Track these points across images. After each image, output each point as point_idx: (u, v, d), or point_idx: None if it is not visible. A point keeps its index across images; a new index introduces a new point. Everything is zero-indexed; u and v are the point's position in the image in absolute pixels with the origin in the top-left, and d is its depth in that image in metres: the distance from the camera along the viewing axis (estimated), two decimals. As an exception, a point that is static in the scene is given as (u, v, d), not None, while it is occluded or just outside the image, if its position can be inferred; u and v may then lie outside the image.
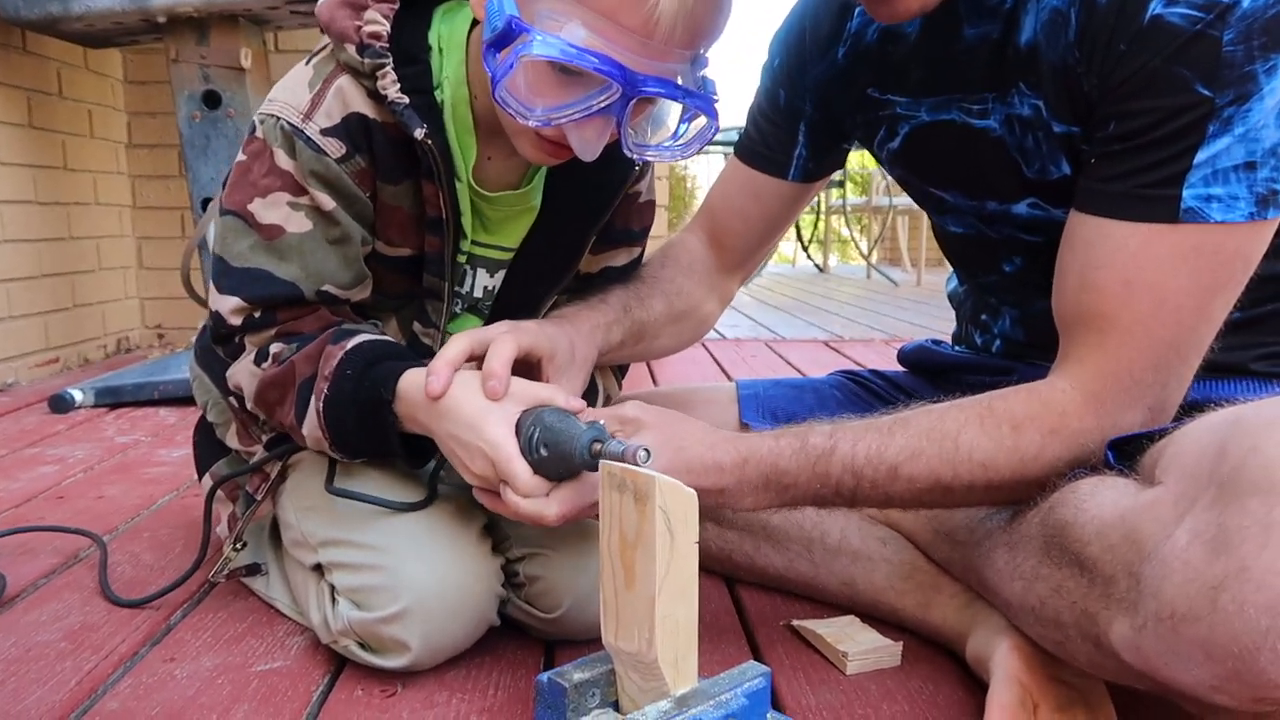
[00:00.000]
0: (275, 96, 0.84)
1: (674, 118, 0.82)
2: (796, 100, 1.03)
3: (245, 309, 0.84)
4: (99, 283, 2.67)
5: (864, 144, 1.02)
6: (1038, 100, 0.81)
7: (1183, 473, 0.62)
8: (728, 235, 1.10)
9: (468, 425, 0.75)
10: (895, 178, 1.01)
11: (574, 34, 0.71)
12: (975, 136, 0.87)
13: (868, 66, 0.95)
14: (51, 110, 2.46)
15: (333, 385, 0.80)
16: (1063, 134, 0.80)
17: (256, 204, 0.83)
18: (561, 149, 0.79)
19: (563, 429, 0.73)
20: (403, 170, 0.84)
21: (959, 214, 0.94)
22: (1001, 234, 0.91)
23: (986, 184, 0.88)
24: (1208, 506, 0.57)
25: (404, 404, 0.79)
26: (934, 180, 0.94)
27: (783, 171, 1.06)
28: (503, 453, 0.74)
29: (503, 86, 0.74)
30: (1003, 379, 0.96)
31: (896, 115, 0.93)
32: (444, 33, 0.85)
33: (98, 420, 1.93)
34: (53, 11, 2.03)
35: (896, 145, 0.95)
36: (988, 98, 0.85)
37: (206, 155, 2.11)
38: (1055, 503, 0.73)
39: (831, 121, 1.02)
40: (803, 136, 1.04)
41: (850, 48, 0.97)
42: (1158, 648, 0.59)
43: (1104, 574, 0.65)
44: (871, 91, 0.95)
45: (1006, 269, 0.93)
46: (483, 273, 0.93)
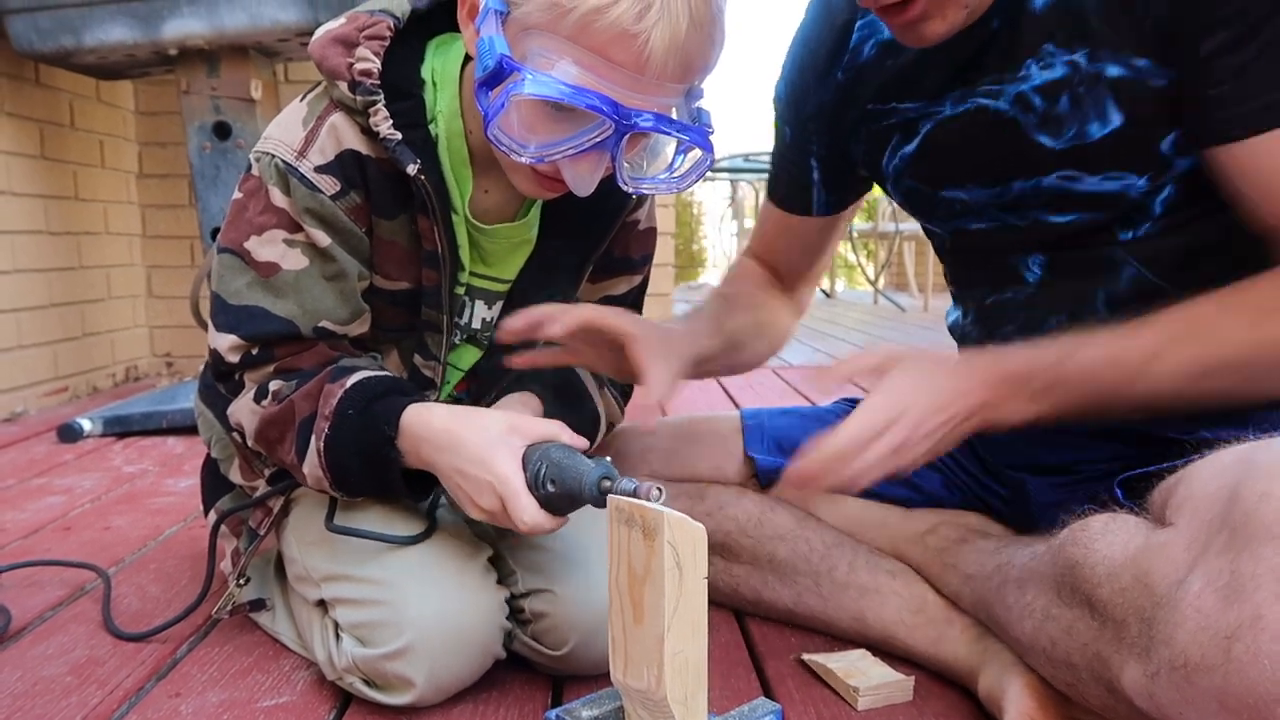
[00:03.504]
0: (270, 134, 0.84)
1: (669, 149, 0.82)
2: (801, 136, 1.04)
3: (242, 346, 0.84)
4: (108, 311, 2.68)
5: (869, 163, 1.01)
6: (1072, 55, 0.80)
7: (1194, 515, 0.62)
8: (776, 265, 1.15)
9: (475, 460, 0.75)
10: (901, 194, 0.99)
11: (565, 72, 0.72)
12: (986, 120, 0.87)
13: (867, 82, 0.96)
14: (63, 141, 2.48)
15: (334, 425, 0.80)
16: (1117, 78, 0.79)
17: (252, 241, 0.83)
18: (557, 183, 0.80)
19: (570, 465, 0.73)
20: (398, 205, 0.84)
21: (977, 211, 0.93)
22: (1026, 220, 0.89)
23: (1008, 165, 0.87)
24: (1220, 552, 0.57)
25: (407, 439, 0.79)
26: (952, 177, 0.93)
27: (806, 209, 1.09)
28: (511, 487, 0.74)
29: (496, 125, 0.75)
30: None
31: (910, 119, 0.93)
32: (437, 67, 0.86)
33: (106, 450, 1.93)
34: (66, 45, 2.05)
35: (912, 149, 0.94)
36: (999, 79, 0.85)
37: (216, 185, 2.12)
38: (1065, 540, 0.72)
39: (838, 150, 1.03)
40: (816, 173, 1.06)
41: (848, 65, 0.97)
42: (1171, 696, 0.58)
43: (1115, 617, 0.64)
44: (872, 106, 0.96)
45: (1028, 278, 0.91)
46: (481, 304, 0.93)
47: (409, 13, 0.84)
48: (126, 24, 2.02)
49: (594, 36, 0.71)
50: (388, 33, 0.82)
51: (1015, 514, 0.98)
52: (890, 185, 0.99)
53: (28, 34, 2.04)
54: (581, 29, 0.71)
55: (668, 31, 0.71)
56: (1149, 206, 0.83)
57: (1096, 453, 0.90)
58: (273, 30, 2.00)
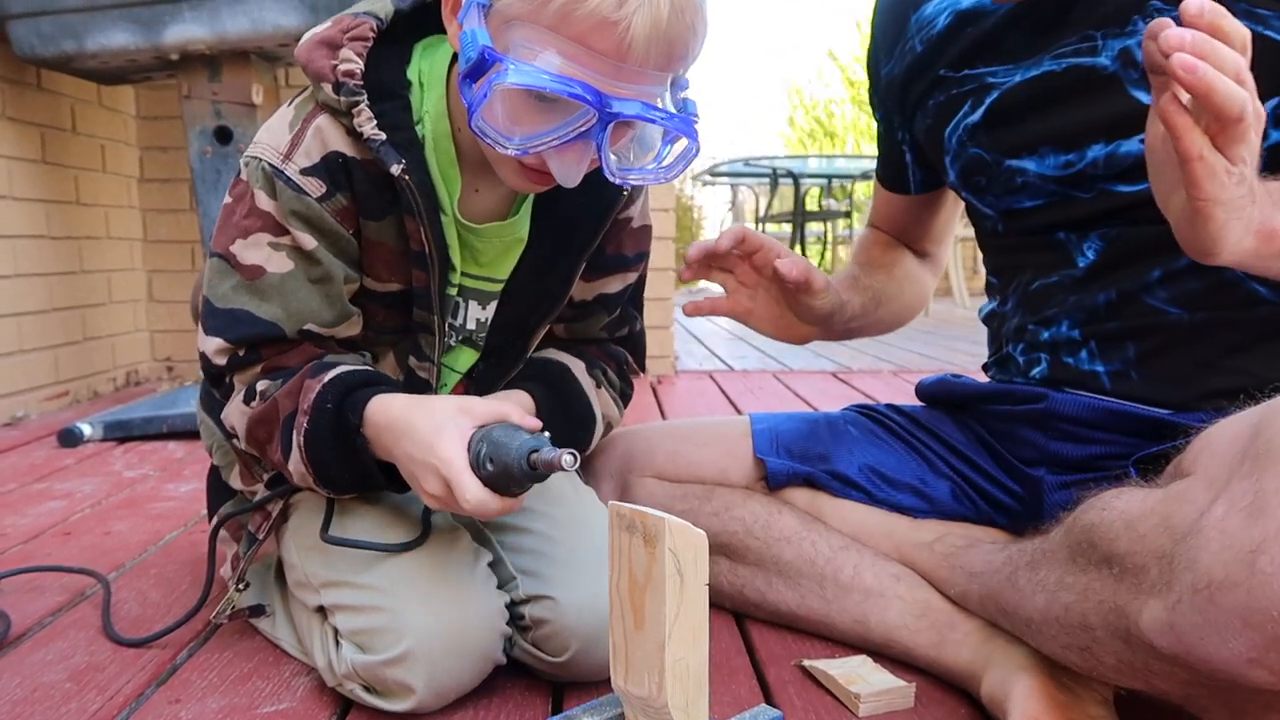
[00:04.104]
0: (259, 139, 0.85)
1: (656, 140, 0.82)
2: (885, 113, 1.08)
3: (229, 349, 0.85)
4: (109, 316, 2.68)
5: (930, 136, 1.02)
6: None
7: (1213, 459, 0.62)
8: (896, 234, 1.18)
9: (423, 444, 0.76)
10: (960, 166, 0.99)
11: (548, 61, 0.72)
12: (1083, 75, 0.87)
13: (939, 53, 0.97)
14: (65, 146, 2.48)
15: (311, 419, 0.80)
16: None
17: (238, 245, 0.83)
18: (544, 176, 0.80)
19: (505, 442, 0.74)
20: (385, 206, 0.84)
21: (1037, 187, 0.92)
22: (1092, 193, 0.89)
23: (1092, 126, 0.87)
24: (1243, 477, 0.57)
25: (371, 428, 0.80)
26: (1020, 144, 0.93)
27: (905, 188, 1.13)
28: (454, 469, 0.74)
29: (479, 116, 0.75)
30: (1032, 407, 0.96)
31: (983, 85, 0.94)
32: (424, 68, 0.86)
33: (106, 454, 1.93)
34: (68, 50, 2.05)
35: (979, 118, 0.95)
36: (1095, 36, 0.86)
37: (217, 190, 2.12)
38: (1080, 512, 0.72)
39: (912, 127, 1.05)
40: (907, 151, 1.09)
41: (924, 38, 0.99)
42: (1193, 621, 0.57)
43: (1135, 565, 0.64)
44: (946, 72, 0.97)
45: (1079, 261, 0.91)
46: (474, 305, 0.93)
47: (392, 14, 0.85)
48: (128, 29, 2.02)
49: (575, 25, 0.71)
50: (371, 34, 0.83)
51: (1028, 517, 0.98)
52: (950, 157, 0.99)
53: (29, 39, 2.05)
54: (562, 18, 0.71)
55: (648, 18, 0.71)
56: None
57: (1119, 447, 0.90)
58: (274, 35, 2.00)
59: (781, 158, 7.07)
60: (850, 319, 1.02)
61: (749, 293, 1.00)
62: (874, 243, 1.19)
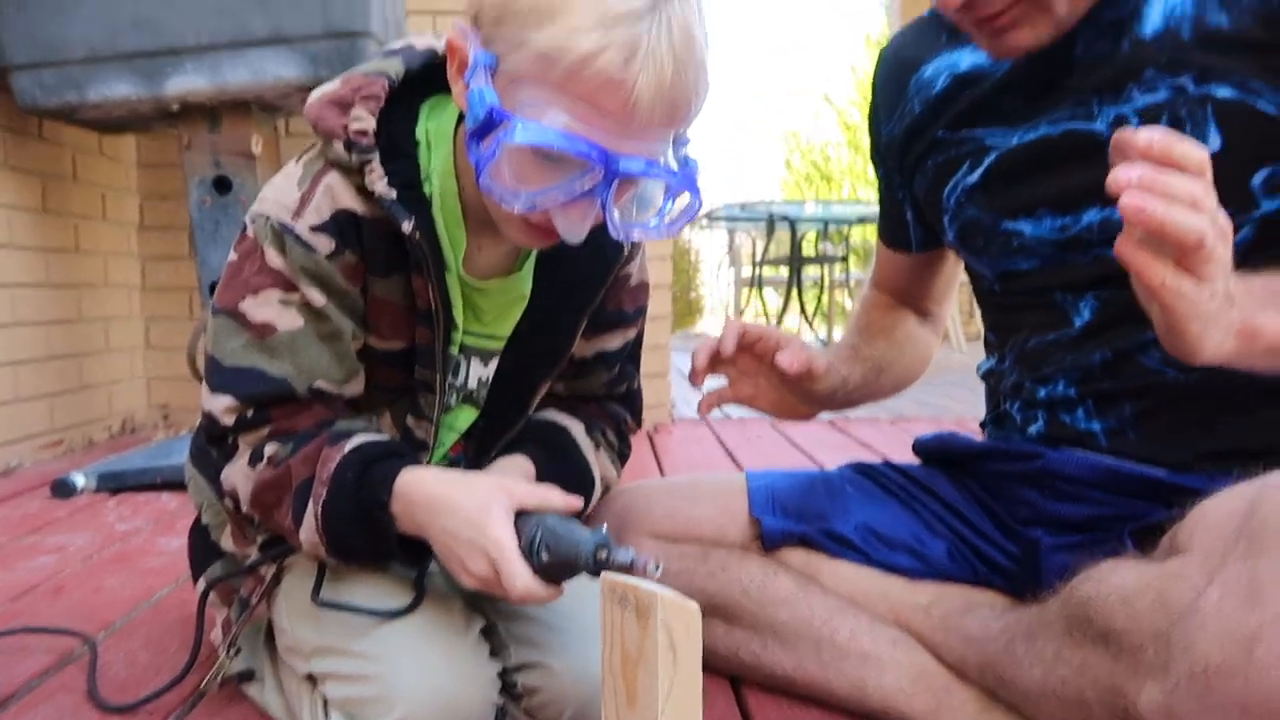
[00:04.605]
0: (266, 196, 0.85)
1: (659, 196, 0.83)
2: (886, 172, 1.09)
3: (238, 408, 0.84)
4: (106, 363, 2.68)
5: (930, 196, 1.03)
6: (1177, 80, 0.82)
7: (1209, 536, 0.62)
8: (899, 295, 1.18)
9: (468, 523, 0.75)
10: (958, 227, 0.99)
11: (554, 120, 0.72)
12: (1079, 141, 0.88)
13: (941, 113, 0.98)
14: (65, 194, 2.50)
15: (331, 489, 0.79)
16: (1225, 100, 0.80)
17: (248, 302, 0.83)
18: (549, 232, 0.80)
19: (566, 533, 0.72)
20: (392, 264, 0.85)
21: (1032, 249, 0.93)
22: (1088, 257, 0.90)
23: (1087, 190, 0.88)
24: (1239, 560, 0.56)
25: (400, 503, 0.78)
26: (1017, 206, 0.93)
27: (907, 245, 1.13)
28: (504, 553, 0.73)
29: (487, 174, 0.75)
30: (1029, 465, 0.95)
31: (981, 146, 0.95)
32: (431, 127, 0.87)
33: (99, 506, 1.91)
34: (69, 100, 2.07)
35: (976, 179, 0.96)
36: (1091, 102, 0.87)
37: (216, 240, 2.13)
38: (1075, 584, 0.72)
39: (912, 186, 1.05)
40: (908, 210, 1.09)
41: (922, 99, 1.01)
42: (1191, 706, 0.56)
43: (1131, 644, 0.63)
44: (944, 134, 0.98)
45: (1075, 320, 0.92)
46: (476, 362, 0.93)
47: (403, 74, 0.85)
48: (131, 80, 2.04)
49: (582, 85, 0.71)
50: (382, 93, 0.83)
51: (1024, 579, 0.97)
52: (949, 218, 1.00)
53: (32, 90, 2.06)
54: (569, 77, 0.71)
55: (653, 78, 0.71)
56: None
57: (1116, 507, 0.90)
58: (275, 86, 2.02)
59: (778, 202, 7.13)
60: (852, 391, 1.03)
61: (751, 380, 1.00)
62: (875, 305, 1.19)
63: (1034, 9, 0.81)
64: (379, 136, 0.82)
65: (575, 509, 0.77)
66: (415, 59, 0.86)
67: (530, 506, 0.76)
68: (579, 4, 0.71)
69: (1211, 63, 0.80)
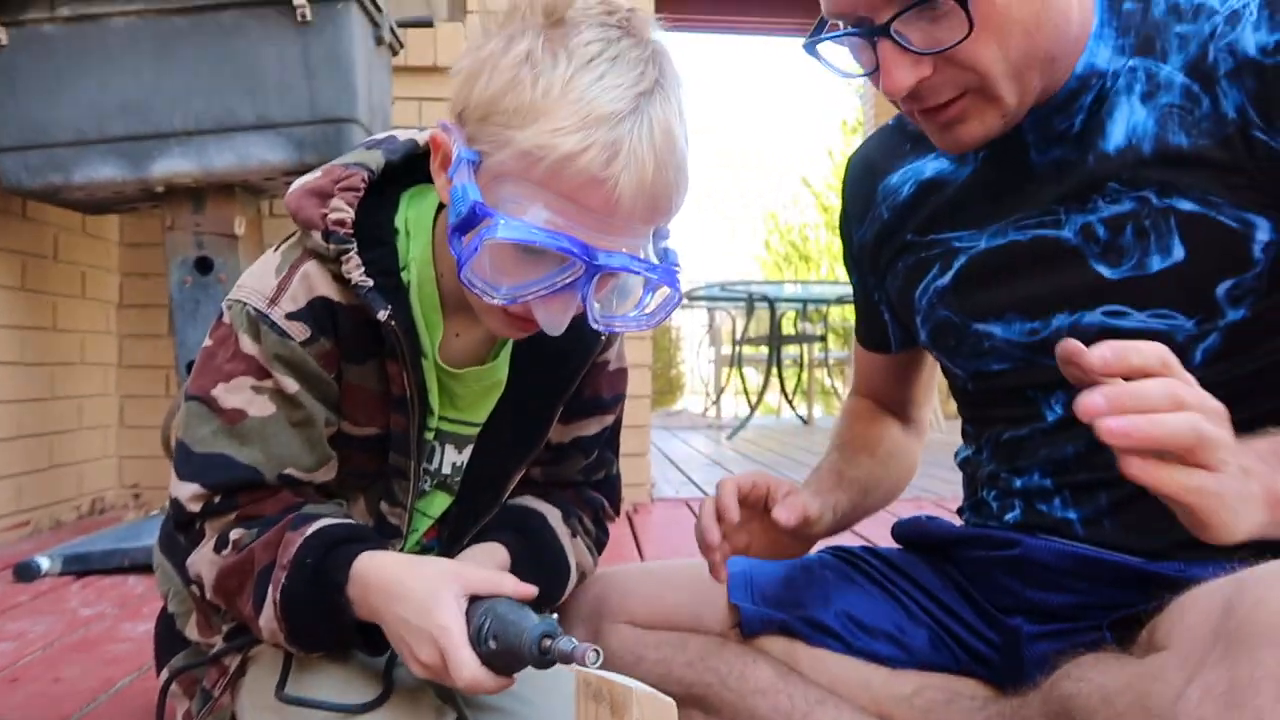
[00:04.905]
0: (243, 283, 0.85)
1: (638, 288, 0.84)
2: (861, 275, 1.09)
3: (204, 495, 0.83)
4: (78, 442, 2.64)
5: (901, 297, 1.04)
6: (1141, 192, 0.83)
7: (1187, 634, 0.61)
8: (881, 399, 1.18)
9: (418, 609, 0.74)
10: (930, 328, 1.00)
11: (536, 215, 0.74)
12: (1048, 247, 0.89)
13: (905, 219, 1.00)
14: (45, 273, 2.50)
15: (290, 574, 0.78)
16: (1189, 213, 0.81)
17: (220, 389, 0.83)
18: (529, 323, 0.81)
19: (514, 621, 0.72)
20: (368, 351, 0.85)
21: (1004, 352, 0.94)
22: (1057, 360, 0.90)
23: (1056, 296, 0.89)
24: (1216, 662, 0.56)
25: (357, 587, 0.78)
26: (987, 310, 0.94)
27: (886, 346, 1.13)
28: (451, 640, 0.72)
29: (468, 268, 0.76)
30: (1007, 553, 0.95)
31: (950, 249, 0.96)
32: (411, 216, 0.88)
33: (63, 590, 1.87)
34: (54, 181, 2.08)
35: (947, 281, 0.97)
36: (1058, 210, 0.88)
37: (195, 319, 2.13)
38: (1056, 679, 0.71)
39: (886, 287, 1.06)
40: (885, 310, 1.10)
41: (889, 205, 1.02)
42: None
43: None
44: (912, 237, 1.00)
45: (1048, 416, 0.92)
46: (451, 448, 0.93)
47: (383, 165, 0.87)
48: (116, 163, 2.05)
49: (564, 182, 0.73)
50: (362, 185, 0.84)
51: (1006, 668, 0.96)
52: (920, 318, 1.01)
53: (17, 171, 2.08)
54: (552, 175, 0.73)
55: (635, 176, 0.73)
56: (1190, 353, 0.84)
57: (1094, 595, 0.90)
58: (260, 170, 2.05)
59: (757, 282, 7.22)
60: (841, 518, 1.02)
61: (745, 529, 0.97)
62: (857, 417, 1.19)
63: (981, 101, 0.83)
64: (357, 226, 0.83)
65: (528, 596, 0.76)
66: (397, 150, 0.88)
67: (483, 592, 0.75)
68: (562, 105, 0.73)
69: (1173, 178, 0.82)
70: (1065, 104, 0.87)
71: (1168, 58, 0.83)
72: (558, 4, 0.76)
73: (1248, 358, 0.82)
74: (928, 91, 0.82)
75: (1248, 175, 0.80)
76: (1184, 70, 0.82)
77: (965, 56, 0.79)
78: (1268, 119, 0.78)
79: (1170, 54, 0.83)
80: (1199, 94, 0.81)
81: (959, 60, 0.79)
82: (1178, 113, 0.82)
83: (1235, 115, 0.79)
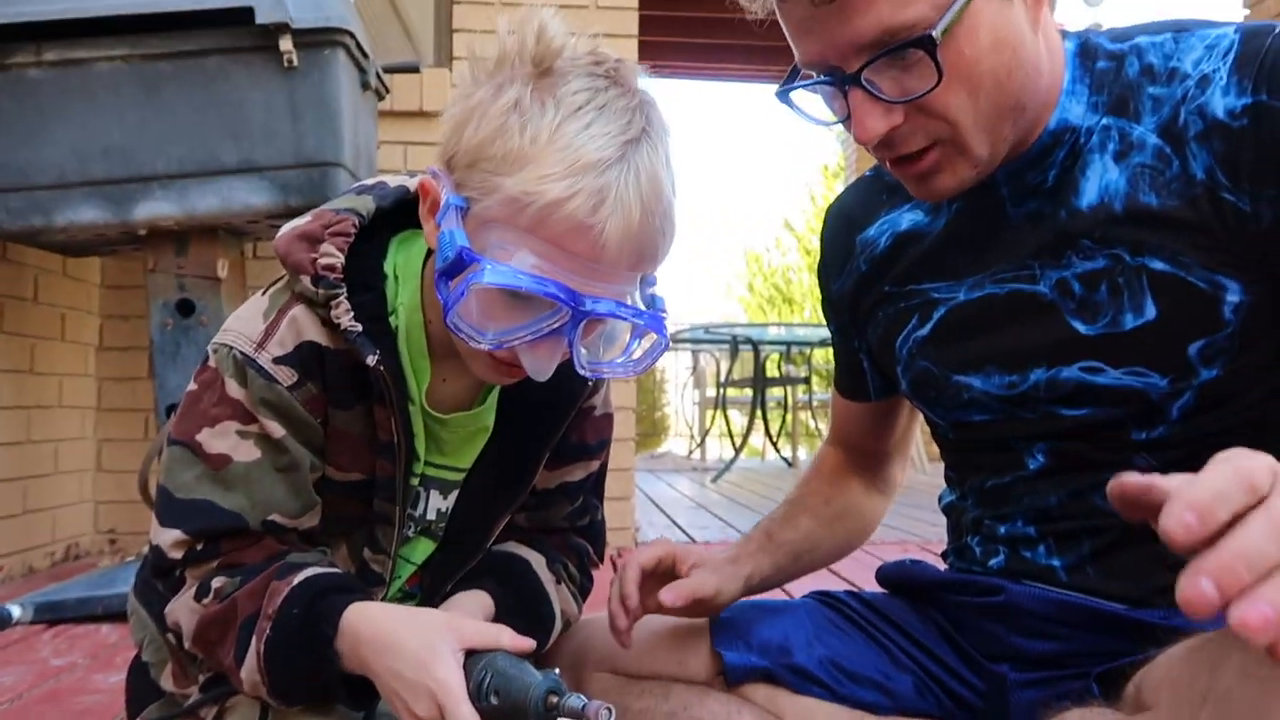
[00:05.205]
0: (230, 327, 0.85)
1: (625, 334, 0.84)
2: (840, 325, 1.10)
3: (187, 542, 0.81)
4: (53, 487, 2.60)
5: (882, 346, 1.04)
6: (1114, 250, 0.84)
7: (1174, 694, 0.60)
8: (856, 449, 1.18)
9: (414, 663, 0.72)
10: (910, 377, 1.01)
11: (523, 261, 0.74)
12: (1024, 301, 0.89)
13: (883, 271, 1.01)
14: (24, 315, 2.48)
15: (275, 624, 0.76)
16: (1160, 272, 0.82)
17: (204, 434, 0.82)
18: (515, 369, 0.80)
19: (516, 676, 0.70)
20: (355, 396, 0.84)
21: (984, 403, 0.94)
22: (1036, 413, 0.90)
23: (1033, 350, 0.89)
24: None
25: (346, 639, 0.76)
26: (966, 361, 0.95)
27: (865, 395, 1.13)
28: (451, 695, 0.70)
29: (455, 313, 0.76)
30: (991, 600, 0.95)
31: (929, 300, 0.97)
32: (400, 261, 0.88)
33: (34, 639, 1.83)
34: (35, 224, 2.06)
35: (926, 332, 0.97)
36: (1033, 265, 0.89)
37: (176, 362, 2.11)
38: None
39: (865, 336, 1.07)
40: (864, 358, 1.10)
41: (867, 257, 1.03)
42: None
43: None
44: (890, 288, 1.00)
45: (1030, 465, 0.92)
46: (435, 494, 0.92)
47: (373, 211, 0.87)
48: (99, 206, 2.04)
49: (551, 229, 0.73)
50: (352, 230, 0.85)
51: (991, 715, 0.95)
52: (901, 368, 1.02)
53: (-3, 214, 2.07)
54: (539, 222, 0.73)
55: (621, 223, 0.73)
56: (1166, 410, 0.85)
57: (1079, 642, 0.89)
58: (243, 213, 2.04)
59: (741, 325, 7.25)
60: (762, 581, 1.04)
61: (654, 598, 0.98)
62: (818, 472, 1.18)
63: (953, 152, 0.83)
64: (346, 271, 0.83)
65: (527, 649, 0.75)
66: (387, 196, 0.88)
67: (479, 646, 0.74)
68: (550, 152, 0.73)
69: (1144, 237, 0.83)
70: (1039, 158, 0.87)
71: (1141, 119, 0.84)
72: (546, 53, 0.76)
73: (1225, 413, 0.83)
74: (900, 140, 0.83)
75: (1216, 237, 0.80)
76: (1156, 132, 0.83)
77: (936, 105, 0.80)
78: (1235, 181, 0.79)
79: (1144, 115, 0.84)
80: (1170, 155, 0.82)
81: (930, 109, 0.80)
82: (1149, 173, 0.83)
83: (1204, 177, 0.80)
